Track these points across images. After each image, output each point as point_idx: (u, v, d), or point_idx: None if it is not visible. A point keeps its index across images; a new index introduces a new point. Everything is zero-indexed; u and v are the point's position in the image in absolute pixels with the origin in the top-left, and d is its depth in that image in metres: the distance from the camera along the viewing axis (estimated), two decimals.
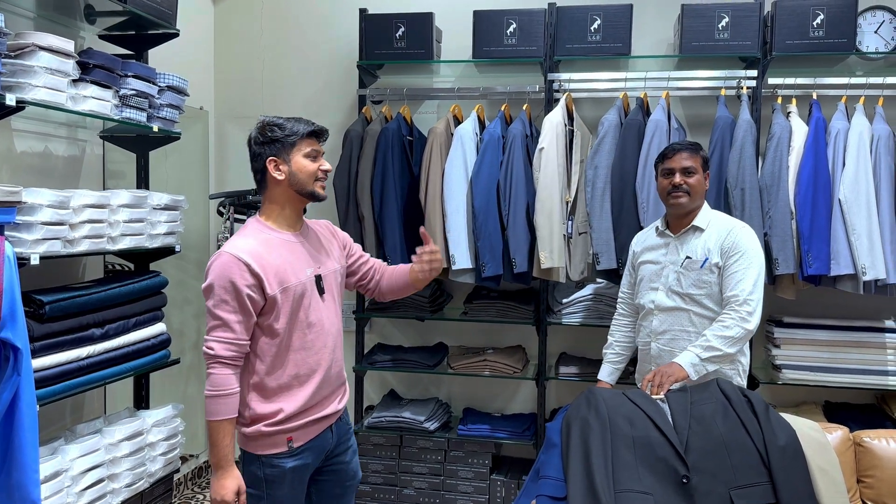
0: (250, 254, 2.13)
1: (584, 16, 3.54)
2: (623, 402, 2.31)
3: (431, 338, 4.05)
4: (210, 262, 2.15)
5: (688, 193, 2.71)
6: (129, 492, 2.97)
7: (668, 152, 2.77)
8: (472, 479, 3.75)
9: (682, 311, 2.73)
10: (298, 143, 2.22)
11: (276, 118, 2.26)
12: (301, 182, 2.23)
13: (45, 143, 3.04)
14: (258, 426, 2.20)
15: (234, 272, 2.10)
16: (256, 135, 2.24)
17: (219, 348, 2.11)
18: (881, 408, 3.55)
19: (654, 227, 2.90)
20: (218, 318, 2.11)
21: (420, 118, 3.96)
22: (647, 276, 2.84)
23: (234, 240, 2.19)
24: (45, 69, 2.46)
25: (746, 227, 2.75)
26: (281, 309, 2.18)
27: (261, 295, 2.14)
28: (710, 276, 2.68)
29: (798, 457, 2.13)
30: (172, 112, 3.18)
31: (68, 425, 3.08)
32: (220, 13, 4.25)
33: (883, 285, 3.25)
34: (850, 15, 3.35)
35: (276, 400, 2.21)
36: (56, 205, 2.52)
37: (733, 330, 2.58)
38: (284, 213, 2.27)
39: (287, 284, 2.18)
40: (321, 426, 2.30)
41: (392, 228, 3.57)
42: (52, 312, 2.55)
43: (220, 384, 2.12)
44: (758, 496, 2.07)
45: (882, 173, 3.22)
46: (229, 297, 2.10)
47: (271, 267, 2.16)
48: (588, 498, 2.04)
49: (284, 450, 2.22)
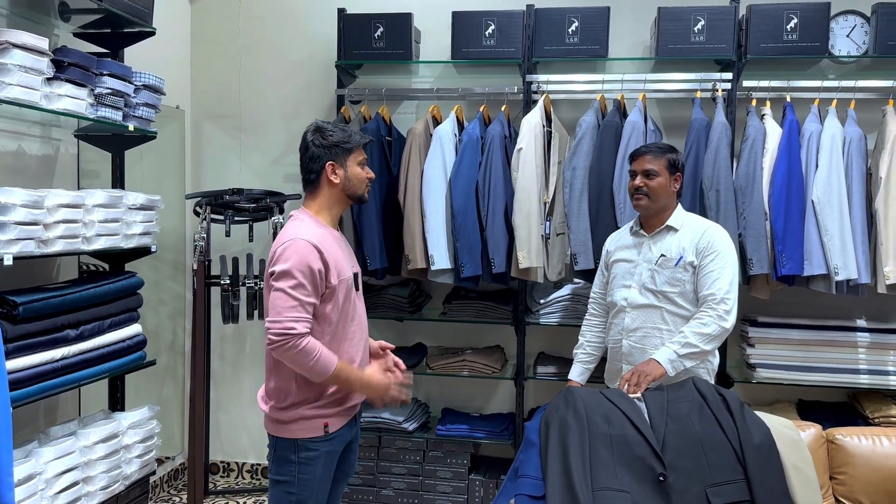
0: (318, 240, 2.28)
1: (561, 18, 3.56)
2: (601, 401, 2.33)
3: (410, 338, 4.05)
4: (283, 247, 2.26)
5: (647, 196, 2.76)
6: (104, 494, 2.94)
7: (635, 154, 2.83)
8: (450, 479, 3.76)
9: (655, 308, 2.77)
10: (355, 150, 2.40)
11: (330, 124, 2.42)
12: (354, 187, 2.41)
13: (19, 142, 3.00)
14: (301, 409, 2.32)
15: (311, 257, 2.24)
16: (315, 137, 2.38)
17: (300, 327, 2.21)
18: (853, 406, 3.61)
19: (629, 227, 2.94)
20: (296, 300, 2.22)
21: (399, 118, 3.96)
22: (619, 274, 2.88)
23: (300, 228, 2.31)
24: (19, 67, 2.43)
25: (720, 227, 2.81)
26: (337, 298, 2.32)
27: (326, 282, 2.28)
28: (684, 274, 2.73)
29: (773, 454, 2.16)
30: (149, 111, 3.15)
31: (42, 428, 3.04)
32: (198, 12, 4.22)
33: (855, 285, 3.30)
34: (823, 19, 3.40)
35: (321, 384, 2.31)
36: (30, 204, 2.49)
37: (711, 327, 2.63)
38: (332, 212, 2.44)
39: (343, 276, 2.35)
40: (350, 414, 2.44)
41: (371, 229, 3.56)
42: (25, 313, 2.53)
43: (314, 348, 2.22)
44: (733, 494, 2.09)
45: (854, 175, 3.28)
46: (307, 281, 2.23)
47: (332, 258, 2.31)
48: (566, 496, 2.06)
49: (321, 434, 2.33)
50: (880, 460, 2.20)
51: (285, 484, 2.34)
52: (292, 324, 2.21)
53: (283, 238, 2.30)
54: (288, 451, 2.33)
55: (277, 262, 2.25)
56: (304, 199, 2.44)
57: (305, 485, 2.33)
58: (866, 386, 3.46)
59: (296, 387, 2.32)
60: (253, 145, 4.20)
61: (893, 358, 3.45)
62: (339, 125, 2.42)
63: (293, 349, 2.20)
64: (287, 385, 2.34)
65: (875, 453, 2.22)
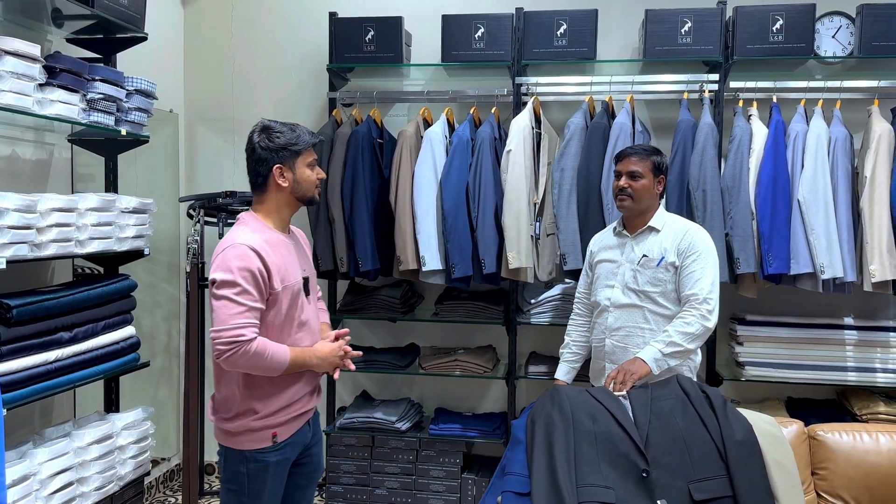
0: (259, 247, 2.22)
1: (550, 20, 3.60)
2: (586, 399, 2.36)
3: (403, 339, 4.09)
4: (222, 253, 2.21)
5: (631, 197, 2.81)
6: (98, 495, 2.97)
7: (620, 155, 2.88)
8: (443, 478, 3.79)
9: (637, 307, 2.81)
10: (304, 152, 2.32)
11: (278, 123, 2.33)
12: (303, 190, 2.34)
13: (13, 147, 3.03)
14: (246, 420, 2.27)
15: (252, 262, 2.18)
16: (261, 139, 2.30)
17: (248, 333, 2.16)
18: (842, 403, 3.64)
19: (612, 228, 2.99)
20: (242, 305, 2.16)
21: (390, 121, 4.00)
22: (603, 274, 2.92)
23: (241, 233, 2.25)
24: (11, 73, 2.46)
25: (701, 228, 2.87)
26: (280, 305, 2.26)
27: (269, 287, 2.22)
28: (666, 274, 2.78)
29: (754, 450, 2.19)
30: (141, 115, 3.18)
31: (37, 429, 3.07)
32: (190, 16, 4.25)
33: (841, 283, 3.34)
34: (809, 20, 3.44)
35: (265, 395, 2.28)
36: (23, 209, 2.52)
37: (694, 326, 2.68)
38: (280, 215, 2.37)
39: (287, 283, 2.28)
40: (301, 421, 2.39)
41: (362, 231, 3.59)
42: (19, 316, 2.56)
43: (264, 348, 2.18)
44: (715, 489, 2.13)
45: (839, 174, 3.31)
46: (251, 286, 2.17)
47: (275, 263, 2.25)
48: (551, 493, 2.09)
49: (269, 445, 2.29)
50: (860, 455, 2.24)
51: (236, 493, 2.31)
52: (240, 331, 2.14)
53: (223, 244, 2.24)
54: (237, 462, 2.29)
55: (217, 270, 2.19)
56: (253, 201, 2.38)
57: (256, 495, 2.30)
58: (854, 383, 3.49)
59: (239, 397, 2.27)
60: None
61: (880, 355, 3.49)
62: (288, 124, 2.34)
63: (244, 356, 2.15)
64: (231, 395, 2.29)
65: (855, 449, 2.26)
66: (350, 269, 3.66)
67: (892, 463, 2.21)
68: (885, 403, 3.44)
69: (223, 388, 2.32)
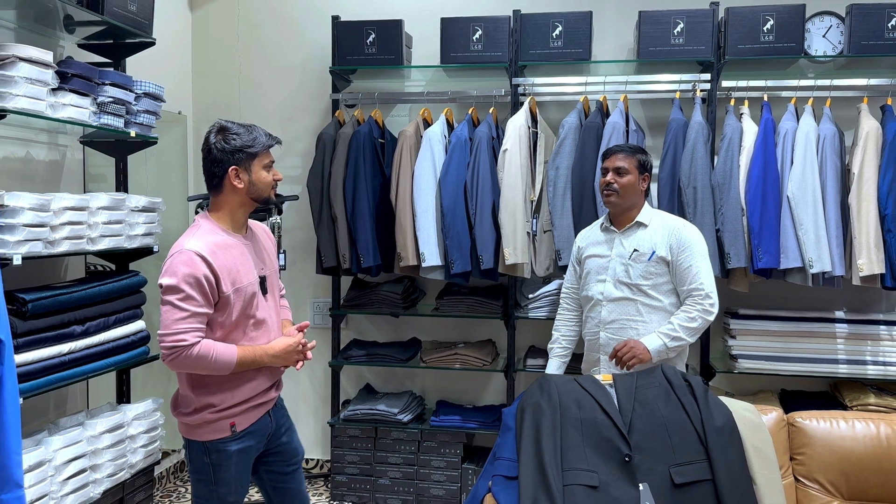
0: (208, 252, 2.23)
1: (546, 22, 3.69)
2: (574, 387, 2.46)
3: (405, 333, 4.20)
4: (170, 259, 2.24)
5: (617, 192, 2.90)
6: (110, 482, 3.10)
7: (608, 152, 2.99)
8: (444, 468, 3.90)
9: (630, 300, 2.91)
10: (260, 154, 2.33)
11: (235, 124, 2.34)
12: (259, 191, 2.35)
13: (27, 149, 3.16)
14: (202, 414, 2.31)
15: (198, 268, 2.20)
16: (217, 140, 2.31)
17: (190, 338, 2.20)
18: (834, 395, 3.71)
19: (599, 224, 3.08)
20: (186, 311, 2.19)
21: (392, 121, 4.11)
22: (593, 270, 3.01)
23: (190, 237, 2.28)
24: (25, 79, 2.58)
25: (688, 224, 2.97)
26: (232, 307, 2.29)
27: (217, 292, 2.25)
28: (657, 267, 2.88)
29: (734, 436, 2.28)
30: (149, 118, 3.30)
31: (52, 419, 3.21)
32: (198, 20, 4.38)
33: (830, 278, 3.42)
34: (799, 21, 3.51)
35: (220, 391, 2.32)
36: (37, 207, 2.65)
37: (697, 322, 2.81)
38: (235, 216, 2.38)
39: (239, 285, 2.30)
40: (260, 411, 2.42)
41: (364, 228, 3.71)
42: (34, 310, 2.68)
43: (208, 350, 2.22)
44: (695, 473, 2.22)
45: (828, 171, 3.39)
46: (195, 292, 2.20)
47: (225, 267, 2.26)
48: (537, 475, 2.19)
49: (228, 434, 2.34)
50: (836, 441, 2.32)
51: (204, 482, 2.37)
52: (182, 335, 2.18)
53: (172, 249, 2.26)
54: (200, 454, 2.34)
55: (164, 275, 2.22)
56: (210, 201, 2.40)
57: (223, 483, 2.35)
58: (845, 375, 3.57)
59: (194, 395, 2.32)
60: None
61: (871, 348, 3.57)
62: (246, 126, 2.34)
63: (188, 359, 2.19)
64: (187, 392, 2.34)
65: (832, 435, 2.34)
66: (352, 266, 3.77)
67: (866, 448, 2.29)
68: (876, 395, 3.51)
69: (181, 384, 2.37)
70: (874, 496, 2.28)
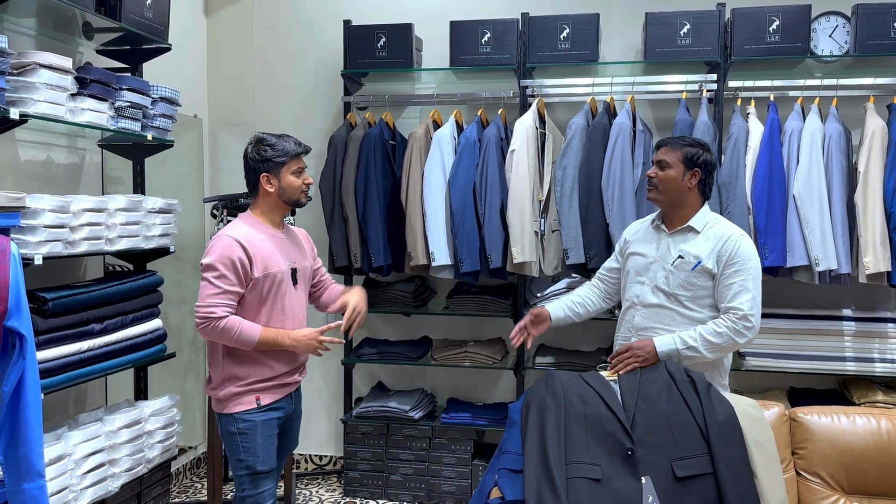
0: (245, 238, 2.57)
1: (553, 25, 3.74)
2: (579, 383, 2.50)
3: (416, 331, 4.26)
4: (212, 242, 2.58)
5: (656, 188, 2.71)
6: (128, 476, 3.18)
7: (657, 145, 2.79)
8: (455, 464, 3.95)
9: (666, 309, 2.71)
10: (289, 162, 2.64)
11: (269, 136, 2.65)
12: (289, 195, 2.68)
13: (47, 152, 3.26)
14: (229, 387, 2.62)
15: (235, 251, 2.52)
16: (252, 151, 2.65)
17: (219, 311, 2.51)
18: (842, 393, 3.73)
19: (650, 220, 2.88)
20: (219, 287, 2.51)
21: (403, 123, 4.17)
22: (633, 269, 2.82)
23: (232, 226, 2.63)
24: (46, 85, 2.67)
25: (745, 235, 2.69)
26: (261, 290, 2.59)
27: (249, 274, 2.55)
28: (700, 279, 2.66)
29: (735, 431, 2.32)
30: (165, 121, 3.39)
31: (72, 414, 3.30)
32: (213, 25, 4.47)
33: (836, 275, 3.44)
34: (804, 20, 3.54)
35: (246, 366, 2.62)
36: (57, 209, 2.73)
37: (722, 338, 2.60)
38: (271, 216, 2.72)
39: (269, 271, 2.60)
40: (284, 391, 2.72)
41: (375, 228, 3.77)
42: (54, 308, 2.77)
43: (233, 324, 2.52)
44: (697, 466, 2.26)
45: (834, 170, 3.41)
46: (229, 272, 2.52)
47: (259, 253, 2.58)
48: (541, 469, 2.24)
49: (253, 407, 2.62)
50: (837, 436, 2.35)
51: (234, 451, 2.62)
52: (213, 308, 2.49)
53: (216, 235, 2.61)
54: (229, 425, 2.62)
55: (205, 255, 2.55)
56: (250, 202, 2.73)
57: (250, 451, 2.61)
58: (853, 373, 3.59)
59: (223, 365, 2.62)
60: None
61: (878, 345, 3.59)
62: (279, 136, 2.65)
63: (215, 329, 2.50)
64: (218, 366, 2.64)
65: (833, 430, 2.37)
66: (364, 265, 3.84)
67: (867, 442, 2.32)
68: (884, 392, 3.53)
69: (212, 361, 2.67)
70: (875, 490, 2.31)
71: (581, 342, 4.05)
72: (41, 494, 1.86)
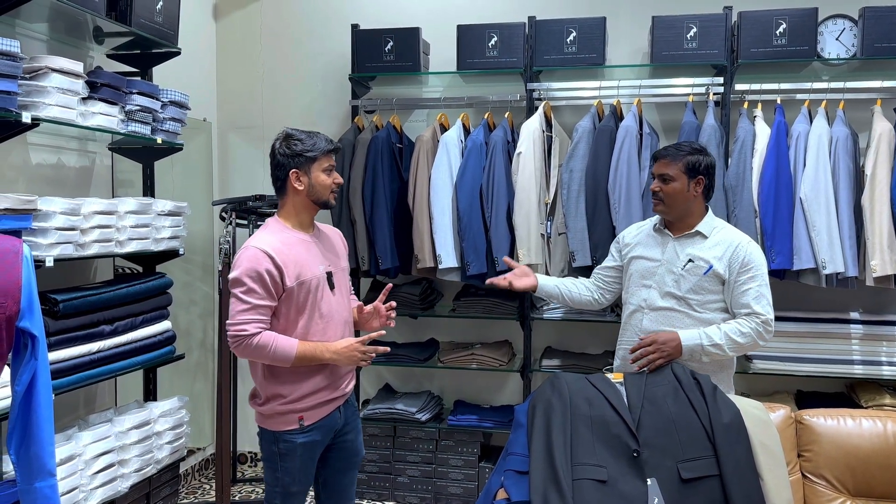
0: (273, 248, 2.41)
1: (560, 28, 3.76)
2: (585, 385, 2.52)
3: (423, 334, 4.27)
4: (237, 256, 2.43)
5: (662, 202, 2.71)
6: (137, 476, 3.21)
7: (655, 157, 2.79)
8: (461, 466, 3.96)
9: (675, 312, 2.72)
10: (319, 158, 2.49)
11: (299, 132, 2.52)
12: (318, 193, 2.52)
13: (58, 156, 3.29)
14: (272, 405, 2.49)
15: (261, 263, 2.38)
16: (281, 146, 2.50)
17: (251, 328, 2.38)
18: (850, 396, 3.73)
19: (651, 223, 2.87)
20: (248, 303, 2.38)
21: (410, 126, 4.19)
22: (638, 272, 2.81)
23: (258, 235, 2.48)
24: (57, 89, 2.70)
25: (753, 242, 2.73)
26: (297, 299, 2.45)
27: (281, 285, 2.41)
28: (711, 283, 2.68)
29: (741, 433, 2.32)
30: (175, 125, 3.42)
31: (82, 415, 3.33)
32: (222, 29, 4.50)
33: (843, 278, 3.44)
34: (811, 23, 3.55)
35: (287, 381, 2.48)
36: (68, 212, 2.76)
37: (746, 339, 2.62)
38: (300, 217, 2.56)
39: (303, 278, 2.45)
40: (330, 407, 2.56)
41: (382, 231, 3.79)
42: (65, 310, 2.80)
43: (267, 341, 2.39)
44: (703, 468, 2.26)
45: (841, 173, 3.41)
46: (257, 286, 2.38)
47: (290, 261, 2.43)
48: (547, 470, 2.25)
49: (296, 427, 2.49)
50: (843, 438, 2.36)
51: (272, 470, 2.54)
52: (243, 325, 2.37)
53: (242, 247, 2.46)
54: (270, 442, 2.52)
55: (232, 270, 2.43)
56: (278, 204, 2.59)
57: (287, 472, 2.51)
58: (860, 376, 3.59)
59: (265, 384, 2.50)
60: None
61: (886, 349, 3.58)
62: (308, 133, 2.51)
63: (248, 347, 2.38)
64: (259, 382, 2.53)
65: (839, 432, 2.37)
66: (371, 268, 3.86)
67: (872, 444, 2.32)
68: (892, 396, 3.52)
69: (254, 376, 2.55)
70: (880, 492, 2.32)
71: (587, 345, 4.06)
72: (52, 493, 1.88)
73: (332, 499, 2.71)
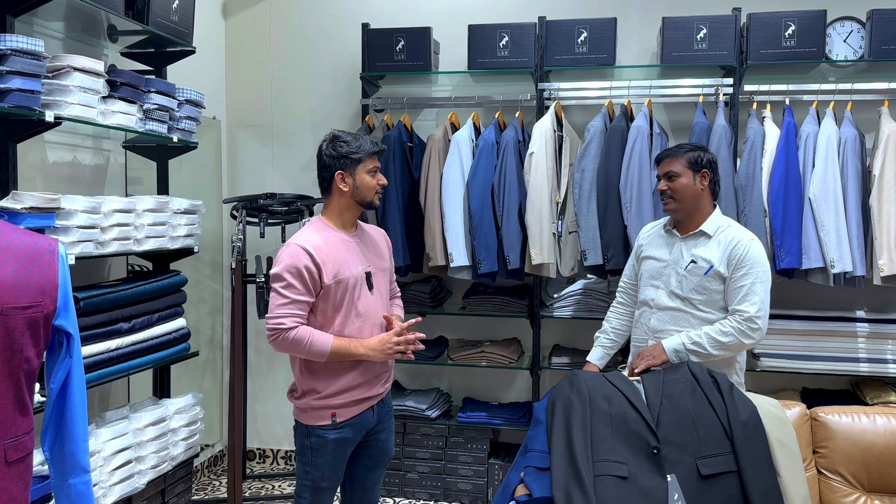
0: (313, 245, 2.48)
1: (571, 29, 3.79)
2: (603, 383, 2.55)
3: (433, 331, 4.30)
4: (280, 252, 2.50)
5: (672, 198, 2.78)
6: (154, 473, 3.23)
7: (657, 159, 2.88)
8: (471, 463, 4.00)
9: (681, 311, 2.79)
10: (364, 160, 2.55)
11: (345, 134, 2.58)
12: (362, 194, 2.57)
13: (74, 154, 3.30)
14: (308, 399, 2.56)
15: (301, 259, 2.45)
16: (327, 148, 2.56)
17: (288, 322, 2.44)
18: (855, 393, 3.78)
19: (662, 223, 2.96)
20: (286, 298, 2.45)
21: (420, 125, 4.22)
22: (648, 272, 2.90)
23: (301, 234, 2.54)
24: (79, 88, 2.71)
25: (755, 239, 2.76)
26: (334, 297, 2.51)
27: (319, 282, 2.47)
28: (713, 283, 2.74)
29: (758, 430, 2.36)
30: (190, 123, 3.44)
31: (96, 413, 3.34)
32: (231, 28, 4.51)
33: (851, 278, 3.49)
34: (820, 25, 3.59)
35: (323, 377, 2.54)
36: (89, 210, 2.78)
37: (728, 338, 2.68)
38: (343, 217, 2.61)
39: (341, 277, 2.51)
40: (363, 406, 2.60)
41: (394, 229, 3.82)
42: (86, 307, 2.81)
43: (303, 336, 2.45)
44: (721, 465, 2.30)
45: (849, 173, 3.46)
46: (297, 281, 2.44)
47: (329, 259, 2.49)
48: (569, 466, 2.29)
49: (328, 423, 2.55)
50: (858, 435, 2.40)
51: (303, 463, 2.60)
52: (281, 319, 2.44)
53: (286, 243, 2.52)
54: (303, 436, 2.59)
55: (274, 266, 2.49)
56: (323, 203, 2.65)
57: (317, 467, 2.57)
58: (866, 374, 3.63)
59: (302, 378, 2.57)
60: (284, 153, 4.49)
61: (892, 347, 3.63)
62: (354, 135, 2.57)
63: (285, 341, 2.45)
64: (297, 377, 2.60)
65: (854, 429, 2.42)
66: None
67: (888, 441, 2.36)
68: None
69: (292, 370, 2.62)
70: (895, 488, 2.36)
71: None
72: (86, 489, 1.90)
73: (356, 493, 2.76)
